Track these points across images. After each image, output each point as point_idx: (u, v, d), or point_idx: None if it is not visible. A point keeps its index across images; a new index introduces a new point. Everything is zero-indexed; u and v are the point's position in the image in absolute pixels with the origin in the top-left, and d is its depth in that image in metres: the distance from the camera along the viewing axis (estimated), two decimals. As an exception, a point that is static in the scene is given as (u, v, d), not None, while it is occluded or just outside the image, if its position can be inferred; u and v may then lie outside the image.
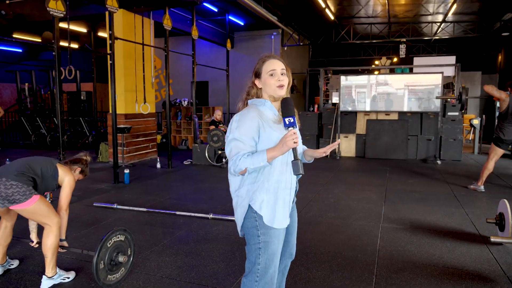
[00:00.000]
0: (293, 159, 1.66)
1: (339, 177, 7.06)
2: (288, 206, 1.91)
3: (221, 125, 8.64)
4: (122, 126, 8.10)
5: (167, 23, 7.58)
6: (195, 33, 8.50)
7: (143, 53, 7.99)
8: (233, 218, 4.50)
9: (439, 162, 8.61)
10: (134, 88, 8.33)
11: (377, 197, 5.54)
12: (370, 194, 5.75)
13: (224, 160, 8.11)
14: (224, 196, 5.59)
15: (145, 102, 8.09)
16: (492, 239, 3.16)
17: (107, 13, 6.53)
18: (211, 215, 4.47)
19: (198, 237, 3.91)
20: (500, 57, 15.12)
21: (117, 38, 6.33)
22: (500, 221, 3.69)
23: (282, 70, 1.85)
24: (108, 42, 6.35)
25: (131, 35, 8.07)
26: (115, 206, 4.85)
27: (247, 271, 1.89)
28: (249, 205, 1.82)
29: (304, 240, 3.79)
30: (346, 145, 9.81)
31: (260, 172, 1.81)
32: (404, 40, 11.24)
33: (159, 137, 11.72)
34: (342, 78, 9.64)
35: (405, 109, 9.27)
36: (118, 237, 2.82)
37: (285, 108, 1.75)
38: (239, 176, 1.84)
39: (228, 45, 10.29)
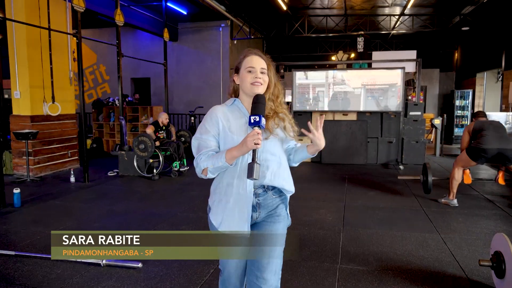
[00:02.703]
0: (252, 161, 1.55)
1: (290, 190, 5.94)
2: (245, 213, 1.70)
3: (162, 132, 7.13)
4: (26, 131, 6.55)
5: (79, 4, 6.12)
6: (119, 19, 7.08)
7: (49, 41, 6.46)
8: (136, 265, 3.25)
9: (401, 167, 7.74)
10: (42, 85, 6.77)
11: (334, 219, 4.46)
12: (325, 214, 4.66)
13: (155, 171, 6.75)
14: (140, 222, 4.28)
15: (53, 101, 6.56)
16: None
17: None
18: (104, 261, 3.15)
19: (69, 305, 2.59)
20: (456, 54, 14.78)
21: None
22: (498, 264, 2.68)
23: (262, 69, 1.73)
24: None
25: (35, 18, 6.53)
26: (-32, 250, 3.41)
27: None
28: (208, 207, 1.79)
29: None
30: (301, 149, 8.74)
31: (219, 174, 1.73)
32: (362, 32, 10.40)
33: (89, 141, 10.14)
34: (296, 74, 8.58)
35: (364, 108, 8.36)
36: None
37: (254, 106, 1.62)
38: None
39: (166, 35, 8.92)
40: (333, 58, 15.70)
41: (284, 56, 16.73)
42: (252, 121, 1.56)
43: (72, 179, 6.46)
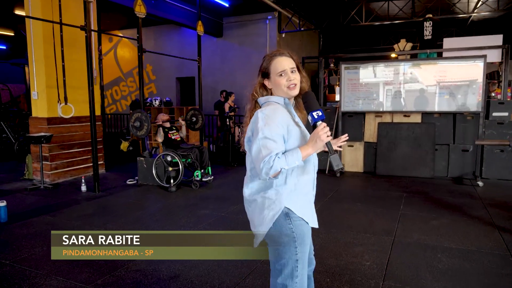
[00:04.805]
0: (330, 153, 1.64)
1: (327, 213, 4.69)
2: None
3: (173, 131, 6.48)
4: (39, 134, 6.08)
5: (88, -7, 5.45)
6: (139, 10, 6.33)
7: (61, 36, 5.89)
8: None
9: (480, 183, 6.04)
10: (59, 85, 6.25)
11: (373, 264, 3.17)
12: (362, 254, 3.37)
13: (172, 181, 5.89)
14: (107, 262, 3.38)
15: (66, 102, 6.00)
16: None
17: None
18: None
19: None
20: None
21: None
22: None
23: (292, 68, 1.73)
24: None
25: (53, 15, 6.03)
26: None
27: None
28: (285, 209, 1.67)
29: None
30: (351, 157, 7.37)
31: (289, 173, 1.68)
32: (430, 15, 8.61)
33: (126, 144, 9.70)
34: (344, 68, 7.22)
35: (432, 108, 6.76)
36: None
37: (310, 102, 1.69)
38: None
39: (200, 28, 8.06)
40: (395, 48, 13.78)
41: (344, 50, 15.16)
42: (315, 116, 1.64)
43: (83, 188, 5.84)
